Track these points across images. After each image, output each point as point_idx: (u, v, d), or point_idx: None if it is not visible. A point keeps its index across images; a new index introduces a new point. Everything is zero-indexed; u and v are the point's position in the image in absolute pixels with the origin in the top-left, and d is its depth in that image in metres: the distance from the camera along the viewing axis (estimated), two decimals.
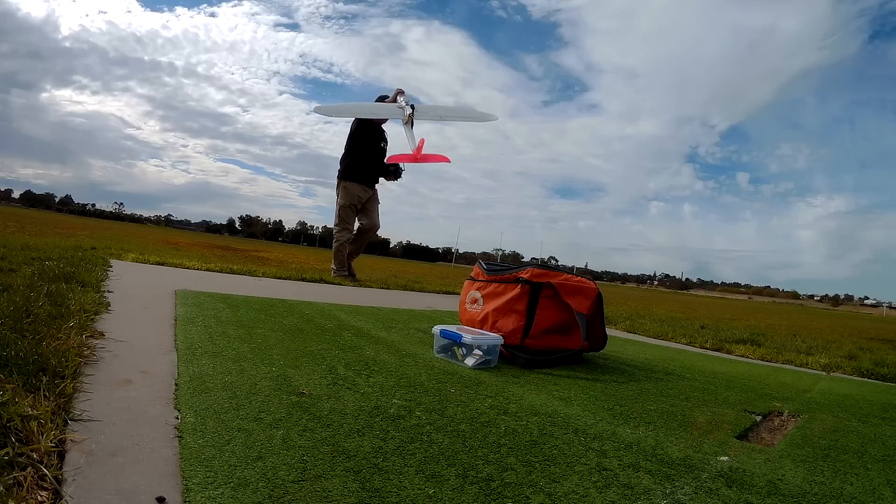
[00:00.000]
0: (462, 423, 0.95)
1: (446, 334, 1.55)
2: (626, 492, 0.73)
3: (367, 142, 4.28)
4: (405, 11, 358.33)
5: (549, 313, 1.66)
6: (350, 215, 4.35)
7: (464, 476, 0.72)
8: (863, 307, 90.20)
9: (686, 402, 1.34)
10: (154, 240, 10.60)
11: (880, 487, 0.86)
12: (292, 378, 1.11)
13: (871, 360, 2.64)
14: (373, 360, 1.40)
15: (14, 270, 2.12)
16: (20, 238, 4.60)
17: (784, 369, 2.27)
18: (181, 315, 1.68)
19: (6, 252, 2.81)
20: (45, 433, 0.65)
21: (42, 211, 71.42)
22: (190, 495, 0.59)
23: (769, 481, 0.82)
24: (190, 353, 1.22)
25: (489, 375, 1.38)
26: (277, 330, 1.66)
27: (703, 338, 3.07)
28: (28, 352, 0.91)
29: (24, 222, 10.56)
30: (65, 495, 0.55)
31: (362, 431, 0.85)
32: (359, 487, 0.65)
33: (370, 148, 4.30)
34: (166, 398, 0.90)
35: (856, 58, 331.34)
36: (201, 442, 0.73)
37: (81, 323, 1.27)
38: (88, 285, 1.93)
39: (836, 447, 1.06)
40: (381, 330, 1.95)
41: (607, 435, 0.98)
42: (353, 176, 4.28)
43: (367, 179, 4.34)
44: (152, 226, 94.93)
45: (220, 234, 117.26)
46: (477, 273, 1.86)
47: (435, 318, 2.53)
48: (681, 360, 2.14)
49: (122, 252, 4.22)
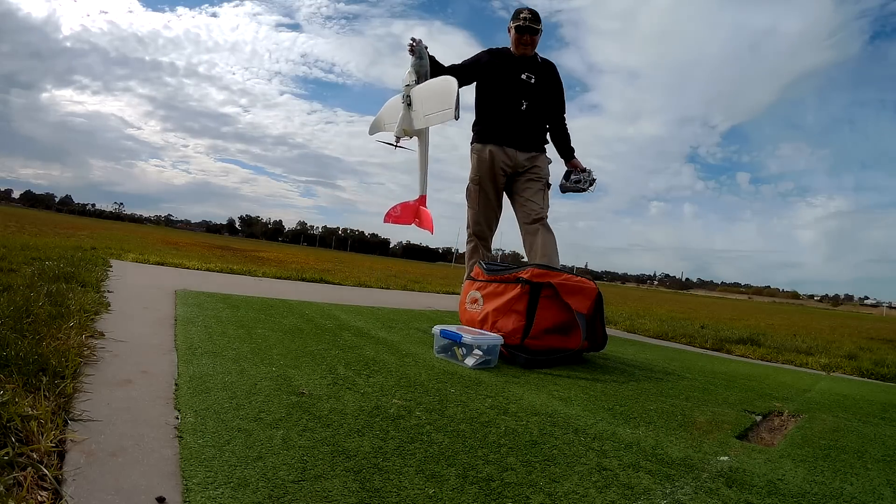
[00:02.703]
0: (462, 423, 0.95)
1: (446, 334, 1.55)
2: (626, 492, 0.73)
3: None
4: (407, 12, 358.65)
5: (549, 313, 1.66)
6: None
7: (464, 476, 0.72)
8: (863, 307, 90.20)
9: (686, 402, 1.34)
10: (154, 240, 10.60)
11: (880, 487, 0.86)
12: (292, 378, 1.11)
13: (871, 360, 2.64)
14: (373, 360, 1.40)
15: (14, 270, 2.12)
16: (20, 238, 4.60)
17: (784, 369, 2.27)
18: (181, 315, 1.68)
19: (6, 252, 2.81)
20: (45, 433, 0.65)
21: (42, 211, 71.45)
22: (190, 495, 0.59)
23: (769, 481, 0.82)
24: (190, 353, 1.22)
25: (489, 375, 1.38)
26: (277, 330, 1.66)
27: (703, 338, 3.07)
28: (28, 352, 0.91)
29: (23, 222, 10.55)
30: (65, 495, 0.55)
31: (362, 431, 0.85)
32: (359, 487, 0.65)
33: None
34: (166, 398, 0.90)
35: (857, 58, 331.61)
36: (201, 442, 0.73)
37: (81, 323, 1.27)
38: (88, 285, 1.94)
39: (836, 447, 1.06)
40: (381, 330, 1.95)
41: (607, 435, 0.98)
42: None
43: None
44: (152, 226, 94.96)
45: (220, 234, 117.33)
46: (477, 273, 1.86)
47: (435, 318, 2.53)
48: (681, 360, 2.14)
49: (122, 252, 4.23)
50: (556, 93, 2.67)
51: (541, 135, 2.67)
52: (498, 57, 2.59)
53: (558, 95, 2.68)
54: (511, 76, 2.55)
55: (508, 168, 2.58)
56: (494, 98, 2.59)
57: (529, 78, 2.54)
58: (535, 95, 2.56)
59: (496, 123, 2.59)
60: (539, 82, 2.57)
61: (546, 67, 2.62)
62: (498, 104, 2.58)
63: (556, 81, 2.66)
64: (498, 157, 2.56)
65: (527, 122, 2.57)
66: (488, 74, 2.58)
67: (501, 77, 2.56)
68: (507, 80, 2.56)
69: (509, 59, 2.57)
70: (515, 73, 2.54)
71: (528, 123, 2.58)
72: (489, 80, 2.59)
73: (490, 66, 2.57)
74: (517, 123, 2.56)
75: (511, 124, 2.56)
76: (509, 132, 2.57)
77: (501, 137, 2.57)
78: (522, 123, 2.57)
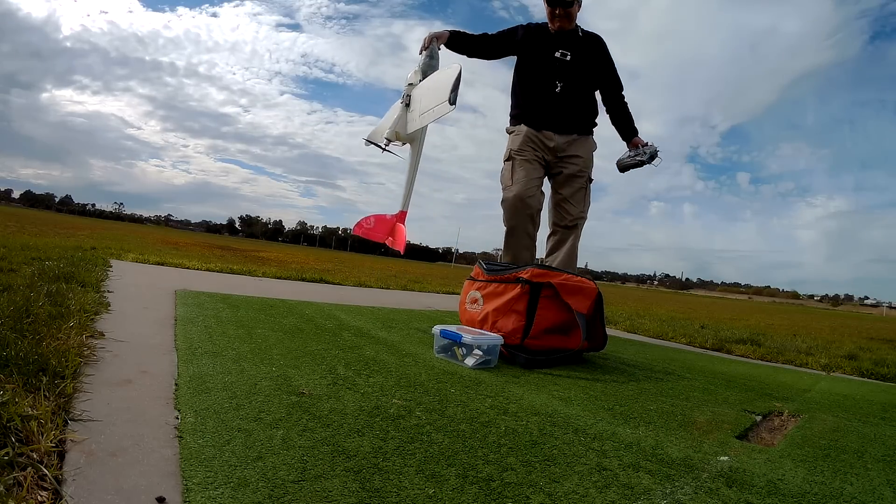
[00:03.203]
0: (462, 423, 0.95)
1: (446, 334, 1.55)
2: (626, 492, 0.73)
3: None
4: (407, 12, 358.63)
5: (549, 313, 1.66)
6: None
7: (464, 476, 0.72)
8: (863, 307, 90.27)
9: (686, 402, 1.34)
10: (154, 240, 10.60)
11: (880, 487, 0.86)
12: (292, 378, 1.11)
13: (871, 360, 2.64)
14: (373, 360, 1.40)
15: (14, 270, 2.12)
16: (20, 238, 4.61)
17: (784, 369, 2.27)
18: (181, 315, 1.68)
19: (6, 252, 2.81)
20: (45, 433, 0.65)
21: (42, 211, 71.49)
22: (190, 495, 0.59)
23: (769, 481, 0.82)
24: (190, 353, 1.22)
25: (489, 375, 1.38)
26: (277, 330, 1.66)
27: (703, 338, 3.07)
28: (28, 352, 0.91)
29: (24, 222, 10.56)
30: (65, 495, 0.55)
31: (362, 431, 0.85)
32: (359, 487, 0.65)
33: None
34: (166, 398, 0.90)
35: (857, 58, 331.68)
36: (201, 442, 0.73)
37: (81, 323, 1.27)
38: (88, 285, 1.94)
39: (836, 447, 1.06)
40: (381, 330, 1.95)
41: (607, 435, 0.98)
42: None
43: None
44: (152, 226, 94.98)
45: (220, 234, 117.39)
46: (477, 273, 1.86)
47: (435, 318, 2.53)
48: (681, 360, 2.14)
49: (122, 252, 4.23)
50: (605, 69, 2.38)
51: (582, 116, 2.36)
52: (532, 34, 2.34)
53: (608, 72, 2.39)
54: (544, 55, 2.29)
55: (547, 153, 2.31)
56: (527, 79, 2.36)
57: (564, 56, 2.27)
58: (573, 74, 2.28)
59: (530, 107, 2.34)
60: (577, 59, 2.28)
61: (589, 42, 2.33)
62: (531, 86, 2.34)
63: (603, 56, 2.36)
64: (535, 138, 2.30)
65: (563, 104, 2.29)
66: (521, 53, 2.36)
67: (534, 56, 2.32)
68: (539, 60, 2.31)
69: (543, 35, 2.31)
70: (549, 52, 2.28)
71: (565, 105, 2.30)
72: (522, 59, 2.36)
73: (523, 44, 2.34)
74: (552, 106, 2.29)
75: (545, 107, 2.30)
76: (544, 115, 2.31)
77: (536, 121, 2.32)
78: (558, 106, 2.29)
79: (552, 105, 2.30)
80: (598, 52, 2.35)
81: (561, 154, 2.30)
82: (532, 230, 2.29)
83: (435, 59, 2.17)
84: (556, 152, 2.30)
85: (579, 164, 2.32)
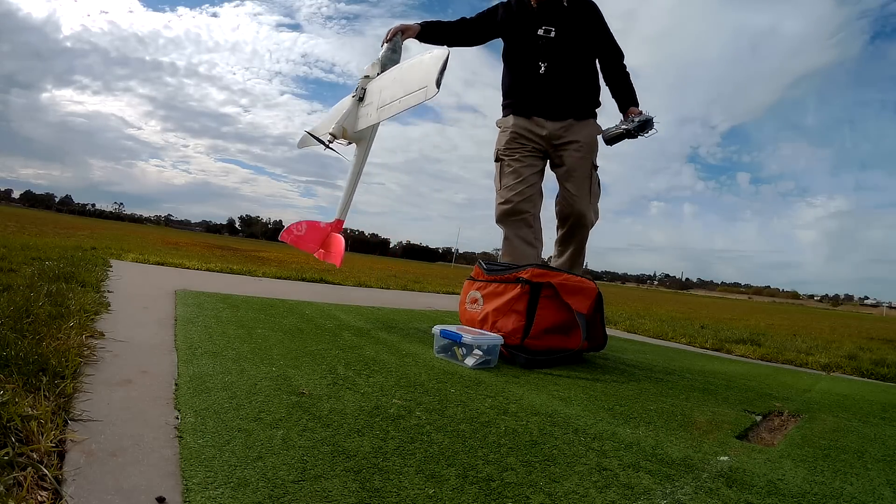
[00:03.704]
0: (462, 423, 0.95)
1: (446, 334, 1.55)
2: (626, 492, 0.73)
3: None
4: (407, 12, 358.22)
5: (549, 313, 1.66)
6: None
7: (464, 476, 0.72)
8: (863, 307, 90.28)
9: (686, 402, 1.34)
10: (154, 240, 10.60)
11: (880, 487, 0.86)
12: (292, 378, 1.11)
13: (871, 360, 2.64)
14: (373, 360, 1.40)
15: (14, 270, 2.12)
16: (20, 238, 4.61)
17: (784, 369, 2.27)
18: (181, 315, 1.68)
19: (6, 252, 2.81)
20: (45, 433, 0.65)
21: (42, 211, 71.51)
22: (190, 495, 0.59)
23: (769, 481, 0.82)
24: (190, 353, 1.22)
25: (489, 375, 1.38)
26: (277, 330, 1.66)
27: (703, 338, 3.07)
28: (28, 352, 0.91)
29: (24, 222, 10.56)
30: (65, 495, 0.55)
31: (362, 431, 0.85)
32: (359, 487, 0.65)
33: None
34: (166, 398, 0.90)
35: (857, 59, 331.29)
36: (201, 442, 0.73)
37: (81, 323, 1.27)
38: (88, 285, 1.94)
39: (836, 447, 1.06)
40: (381, 330, 1.95)
41: (607, 435, 0.98)
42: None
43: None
44: (152, 226, 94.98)
45: (220, 234, 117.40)
46: (477, 273, 1.86)
47: (435, 318, 2.53)
48: (681, 360, 2.14)
49: (122, 252, 4.23)
50: (599, 37, 2.11)
51: (576, 98, 2.10)
52: (511, 12, 2.12)
53: (605, 40, 2.12)
54: (525, 34, 2.07)
55: (541, 141, 2.09)
56: (511, 62, 2.16)
57: (548, 32, 2.03)
58: (559, 52, 2.04)
59: (515, 93, 2.13)
60: (564, 35, 2.04)
61: (577, 11, 2.07)
62: (515, 69, 2.14)
63: (597, 24, 2.10)
64: (525, 129, 2.10)
65: (550, 86, 2.05)
66: (502, 34, 2.15)
67: (515, 36, 2.11)
68: (520, 40, 2.09)
69: (524, 12, 2.08)
70: (531, 29, 2.06)
71: (553, 88, 2.06)
72: (505, 41, 2.15)
73: (504, 24, 2.13)
74: (538, 90, 2.07)
75: (531, 92, 2.09)
76: (531, 101, 2.09)
77: (524, 108, 2.11)
78: (544, 89, 2.06)
79: (538, 89, 2.07)
80: (590, 21, 2.09)
81: (556, 142, 2.09)
82: (528, 233, 2.12)
83: (397, 54, 2.04)
84: (551, 140, 2.09)
85: (580, 152, 2.08)
